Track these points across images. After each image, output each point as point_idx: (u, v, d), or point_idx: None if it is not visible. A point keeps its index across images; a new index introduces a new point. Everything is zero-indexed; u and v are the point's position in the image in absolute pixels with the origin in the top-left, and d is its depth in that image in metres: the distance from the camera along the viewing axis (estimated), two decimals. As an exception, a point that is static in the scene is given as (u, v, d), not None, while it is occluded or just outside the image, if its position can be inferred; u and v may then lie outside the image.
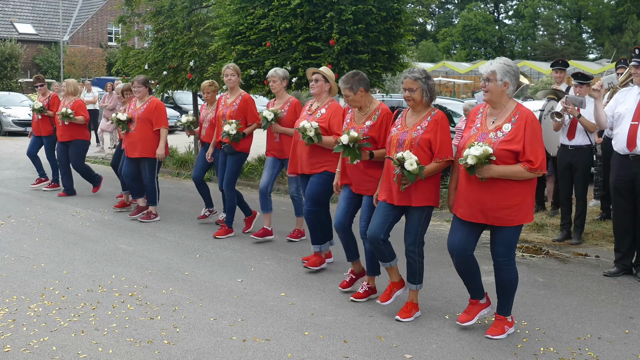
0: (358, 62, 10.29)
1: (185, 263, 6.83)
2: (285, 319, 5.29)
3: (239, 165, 8.00)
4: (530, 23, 66.84)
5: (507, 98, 4.78)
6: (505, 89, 4.74)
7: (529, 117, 4.68)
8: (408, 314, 5.31)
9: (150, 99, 8.83)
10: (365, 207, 5.68)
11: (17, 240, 7.68)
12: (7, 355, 4.50)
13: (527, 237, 8.02)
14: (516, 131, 4.64)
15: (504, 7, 74.13)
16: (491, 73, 4.73)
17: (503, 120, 4.74)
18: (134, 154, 8.75)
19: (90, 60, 37.56)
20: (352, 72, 5.68)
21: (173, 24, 12.99)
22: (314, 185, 6.40)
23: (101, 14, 40.17)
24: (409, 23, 11.16)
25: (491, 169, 4.61)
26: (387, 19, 10.45)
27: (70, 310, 5.39)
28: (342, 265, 6.70)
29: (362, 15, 10.11)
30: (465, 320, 5.09)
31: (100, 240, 7.64)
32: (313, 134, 6.23)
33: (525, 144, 4.60)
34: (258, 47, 10.73)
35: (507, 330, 5.02)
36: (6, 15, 37.72)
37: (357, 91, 5.59)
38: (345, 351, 4.69)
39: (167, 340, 4.80)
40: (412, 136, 5.08)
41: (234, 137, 7.65)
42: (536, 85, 27.29)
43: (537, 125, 4.68)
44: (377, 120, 5.60)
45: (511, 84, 4.75)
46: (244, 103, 7.85)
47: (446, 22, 73.44)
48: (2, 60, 32.17)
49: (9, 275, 6.33)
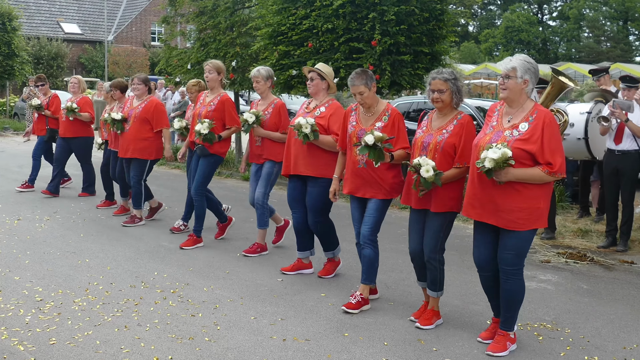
0: (400, 63, 10.25)
1: (226, 261, 6.88)
2: (325, 319, 5.29)
3: (212, 169, 7.48)
4: (575, 25, 65.72)
5: (526, 97, 4.56)
6: (524, 87, 4.51)
7: (547, 117, 4.45)
8: (428, 322, 5.17)
9: (148, 98, 8.43)
10: (372, 211, 5.46)
11: (62, 235, 7.83)
12: (53, 348, 4.59)
13: (571, 243, 7.90)
14: (533, 131, 4.40)
15: (548, 8, 73.07)
16: (511, 70, 4.50)
17: (520, 119, 4.52)
18: (126, 154, 8.33)
19: (133, 59, 38.09)
20: (360, 69, 5.48)
21: (216, 24, 13.10)
22: (315, 196, 6.13)
23: (145, 14, 40.70)
24: (452, 24, 11.08)
25: (509, 172, 4.39)
26: (430, 20, 10.38)
27: (113, 306, 5.48)
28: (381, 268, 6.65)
29: (405, 16, 10.06)
30: (487, 337, 4.86)
31: (143, 237, 7.74)
32: (309, 131, 5.93)
33: (544, 145, 4.38)
34: (300, 47, 10.76)
35: (509, 347, 4.73)
36: (53, 15, 38.47)
37: (371, 87, 5.39)
38: (385, 353, 4.67)
39: (208, 338, 4.84)
40: (436, 140, 4.92)
41: (205, 137, 7.13)
42: (581, 88, 26.83)
43: (555, 127, 4.46)
44: (388, 120, 5.39)
45: (531, 82, 4.52)
46: (221, 104, 7.32)
47: (488, 23, 72.66)
48: (49, 60, 32.83)
49: (55, 269, 6.45)
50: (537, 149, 4.39)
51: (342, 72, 10.34)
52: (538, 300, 5.94)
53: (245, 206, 9.63)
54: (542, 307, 5.76)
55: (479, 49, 66.03)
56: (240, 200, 10.27)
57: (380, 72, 10.11)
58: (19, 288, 5.85)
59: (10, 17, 21.38)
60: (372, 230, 5.47)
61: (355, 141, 5.46)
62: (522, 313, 5.53)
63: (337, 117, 6.00)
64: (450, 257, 6.07)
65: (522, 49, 64.97)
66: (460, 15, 12.58)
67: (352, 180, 5.55)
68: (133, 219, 8.46)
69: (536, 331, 5.18)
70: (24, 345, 4.62)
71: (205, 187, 7.47)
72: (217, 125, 7.23)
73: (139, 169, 8.37)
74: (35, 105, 10.63)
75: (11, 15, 21.40)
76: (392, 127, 5.37)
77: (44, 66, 32.13)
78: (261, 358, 4.53)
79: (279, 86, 11.37)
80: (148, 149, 8.32)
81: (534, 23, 67.06)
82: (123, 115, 8.36)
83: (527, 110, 4.53)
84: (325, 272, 6.42)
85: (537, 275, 6.71)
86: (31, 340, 4.71)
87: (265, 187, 7.00)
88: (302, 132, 5.94)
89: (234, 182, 12.52)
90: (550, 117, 4.47)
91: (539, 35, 67.06)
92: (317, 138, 5.97)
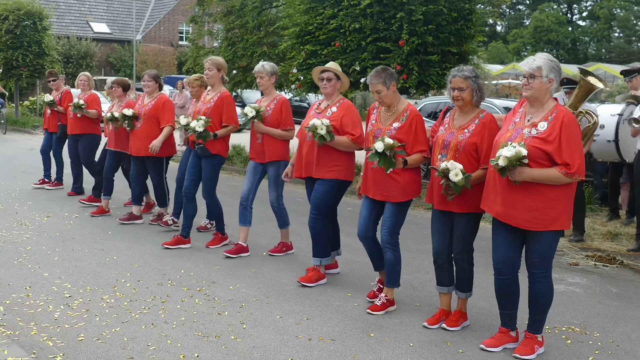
0: (427, 63, 10.20)
1: (252, 260, 6.90)
2: (351, 319, 5.28)
3: (216, 171, 7.33)
4: (605, 24, 64.82)
5: (549, 96, 4.47)
6: (549, 86, 4.43)
7: (567, 117, 4.35)
8: (455, 323, 5.10)
9: (159, 95, 8.27)
10: (388, 215, 5.38)
11: (90, 232, 7.92)
12: (81, 344, 4.64)
13: (600, 246, 7.79)
14: (551, 130, 4.31)
15: (577, 7, 72.19)
16: (536, 69, 4.41)
17: (540, 118, 4.43)
18: (140, 153, 8.20)
19: (161, 58, 38.38)
20: (380, 67, 5.37)
21: (243, 23, 13.17)
22: (320, 194, 5.99)
23: (173, 14, 40.98)
24: (480, 24, 11.01)
25: (524, 172, 4.32)
26: (458, 19, 10.32)
27: (140, 303, 5.52)
28: (406, 269, 6.64)
29: (433, 15, 10.01)
30: (491, 345, 4.75)
31: (170, 236, 7.78)
32: (325, 132, 5.75)
33: (562, 145, 4.29)
34: (327, 47, 10.76)
35: (537, 350, 4.66)
36: (82, 14, 38.91)
37: (389, 86, 5.28)
38: (411, 355, 4.65)
39: (234, 336, 4.86)
40: (457, 139, 4.85)
41: (200, 134, 6.96)
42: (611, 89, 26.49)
43: (574, 127, 4.35)
44: (405, 122, 5.26)
45: (555, 80, 4.43)
46: (221, 101, 7.13)
47: (517, 23, 72.00)
48: (78, 59, 33.21)
49: (84, 266, 6.53)
50: (554, 149, 4.30)
51: (369, 72, 10.29)
52: (566, 303, 5.88)
53: (272, 205, 9.66)
54: (570, 310, 5.70)
55: (507, 49, 65.46)
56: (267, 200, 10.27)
57: (407, 72, 10.07)
58: (48, 284, 5.93)
59: (41, 16, 21.66)
60: (391, 233, 5.39)
61: (371, 140, 5.38)
62: (550, 316, 5.47)
63: (351, 117, 5.91)
64: (476, 259, 5.99)
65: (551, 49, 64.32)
66: (489, 15, 12.48)
67: (366, 180, 5.48)
68: (160, 217, 8.45)
69: (564, 334, 5.13)
70: (52, 340, 4.68)
71: (213, 189, 7.36)
72: (214, 122, 7.08)
73: (157, 168, 8.27)
74: (48, 101, 10.57)
75: (42, 14, 21.69)
76: (409, 128, 5.25)
77: (73, 65, 32.51)
78: (287, 357, 4.54)
79: (305, 85, 11.39)
80: (161, 147, 8.16)
81: (564, 23, 66.27)
82: (134, 112, 8.21)
83: (547, 109, 4.46)
84: (307, 279, 6.12)
85: (565, 278, 6.63)
86: (60, 336, 4.77)
87: (277, 189, 6.96)
88: (317, 133, 5.78)
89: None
90: (569, 117, 4.38)
91: (568, 35, 66.26)
92: (333, 139, 5.82)
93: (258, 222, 8.67)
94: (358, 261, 6.96)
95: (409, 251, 7.10)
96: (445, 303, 5.23)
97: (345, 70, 10.64)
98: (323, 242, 6.12)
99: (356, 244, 7.64)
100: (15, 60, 21.26)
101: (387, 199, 5.34)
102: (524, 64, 4.51)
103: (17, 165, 13.39)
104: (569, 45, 66.12)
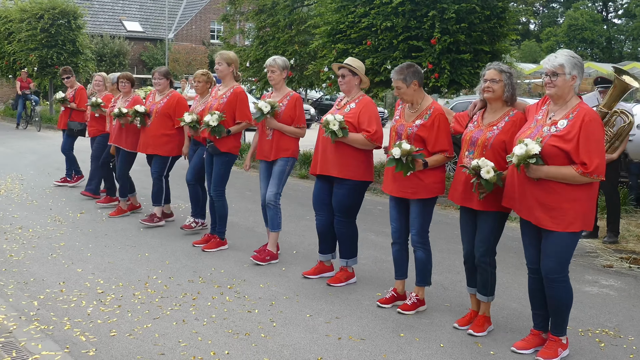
0: (459, 61, 10.13)
1: (282, 258, 6.91)
2: (380, 319, 5.26)
3: (227, 168, 7.11)
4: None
5: (572, 93, 4.38)
6: (572, 83, 4.35)
7: (588, 115, 4.23)
8: (481, 329, 5.00)
9: (170, 92, 8.09)
10: (415, 215, 5.33)
11: (123, 229, 8.00)
12: (113, 340, 4.69)
13: (635, 248, 7.67)
14: (570, 128, 4.23)
15: (613, 5, 71.04)
16: (559, 67, 4.31)
17: (561, 116, 4.36)
18: (147, 150, 8.10)
19: (193, 57, 38.67)
20: (406, 64, 5.29)
21: (275, 22, 13.21)
22: (340, 197, 5.90)
23: (205, 12, 41.26)
24: (513, 22, 10.90)
25: (539, 169, 4.26)
26: (491, 17, 10.23)
27: (172, 299, 5.57)
28: (437, 269, 6.58)
29: (465, 14, 9.93)
30: (523, 347, 4.68)
31: (201, 233, 7.82)
32: (337, 128, 5.62)
33: (580, 144, 4.19)
34: (358, 45, 10.75)
35: (560, 354, 4.56)
36: (116, 13, 39.38)
37: (410, 84, 5.19)
38: (441, 355, 4.62)
39: (264, 334, 4.87)
40: (486, 136, 4.76)
41: (214, 129, 6.75)
42: (646, 88, 25.96)
43: (596, 126, 4.25)
44: (428, 119, 5.16)
45: (578, 77, 4.33)
46: (234, 96, 6.91)
47: (550, 21, 71.12)
48: (111, 57, 33.64)
49: (116, 262, 6.60)
50: (572, 148, 4.22)
51: (400, 70, 10.28)
52: (600, 305, 5.79)
53: (301, 203, 9.69)
54: (604, 313, 5.61)
55: (540, 47, 64.69)
56: (297, 198, 10.32)
57: (439, 70, 10.01)
58: (81, 280, 6.01)
59: (75, 15, 21.98)
60: (420, 232, 5.35)
61: (394, 136, 5.33)
62: (583, 318, 5.41)
63: (368, 113, 5.77)
64: (508, 260, 5.97)
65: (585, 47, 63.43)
66: (522, 13, 12.37)
67: (390, 179, 5.41)
68: (152, 218, 8.18)
69: (597, 337, 5.05)
70: (85, 336, 4.74)
71: (223, 187, 7.14)
72: (227, 118, 6.89)
73: (160, 165, 8.11)
74: (60, 98, 10.40)
75: (76, 13, 22.01)
76: (431, 126, 5.16)
77: (107, 63, 32.93)
78: (316, 356, 4.54)
79: (336, 84, 11.36)
80: (169, 146, 8.04)
81: (598, 21, 65.25)
82: (146, 109, 8.05)
83: (570, 107, 4.37)
84: (335, 280, 6.10)
85: (599, 280, 6.53)
86: (92, 331, 4.83)
87: (278, 186, 6.64)
88: (329, 129, 5.68)
89: (290, 180, 12.56)
90: (591, 115, 4.27)
91: (603, 33, 65.25)
92: (346, 135, 5.68)
93: (287, 220, 8.70)
94: (388, 260, 6.91)
95: (439, 251, 7.05)
96: (475, 304, 5.18)
97: (377, 69, 10.62)
98: (348, 243, 6.10)
99: (385, 243, 7.62)
100: (50, 59, 21.59)
101: (415, 195, 5.25)
102: (546, 62, 4.42)
103: (51, 162, 13.59)
104: (603, 43, 65.10)
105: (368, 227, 8.31)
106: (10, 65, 22.55)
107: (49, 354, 4.39)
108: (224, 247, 7.23)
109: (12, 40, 21.79)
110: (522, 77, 33.97)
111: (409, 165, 5.04)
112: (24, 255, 6.72)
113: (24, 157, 14.50)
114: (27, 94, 21.72)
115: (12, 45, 21.80)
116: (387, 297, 5.60)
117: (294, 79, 13.01)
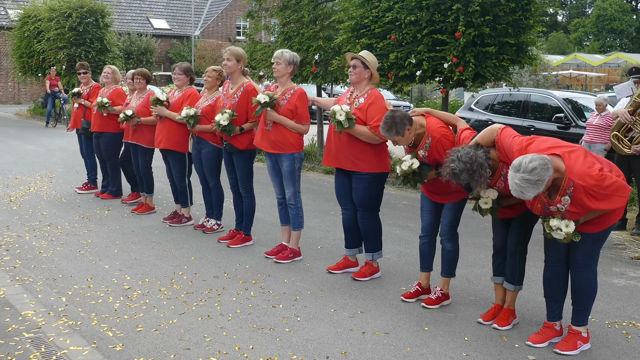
0: (484, 54, 10.04)
1: (306, 254, 6.93)
2: (404, 313, 5.26)
3: (249, 164, 7.08)
4: (672, 12, 62.64)
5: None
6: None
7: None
8: (506, 322, 4.99)
9: (186, 88, 7.92)
10: (446, 212, 5.37)
11: (149, 225, 8.09)
12: (139, 335, 4.75)
13: (664, 241, 7.56)
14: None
15: (642, -5, 69.88)
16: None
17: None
18: (159, 145, 7.98)
19: (219, 54, 38.80)
20: (384, 120, 5.10)
21: (299, 17, 13.20)
22: (360, 191, 5.91)
23: (230, 9, 41.40)
24: (539, 14, 10.76)
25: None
26: (516, 10, 10.12)
27: (197, 295, 5.62)
28: (462, 263, 6.56)
29: (490, 6, 9.84)
30: (538, 341, 4.67)
31: (226, 229, 7.88)
32: (343, 118, 5.62)
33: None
34: (383, 40, 10.72)
35: (580, 347, 4.54)
36: (143, 11, 39.68)
37: (404, 133, 5.06)
38: (465, 349, 4.61)
39: (289, 329, 4.90)
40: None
41: (224, 128, 6.71)
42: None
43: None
44: (430, 149, 5.13)
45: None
46: (246, 94, 6.81)
47: (579, 12, 70.20)
48: (139, 54, 33.91)
49: (142, 259, 6.68)
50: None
51: (425, 64, 10.24)
52: (627, 298, 5.73)
53: (327, 199, 9.71)
54: (631, 305, 5.55)
55: (568, 39, 63.92)
56: (322, 193, 10.34)
57: (464, 64, 9.94)
58: (108, 276, 6.09)
59: (103, 13, 22.18)
60: (450, 225, 5.38)
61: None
62: (610, 310, 5.36)
63: (375, 108, 5.74)
64: (534, 253, 5.92)
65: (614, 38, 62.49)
66: (549, 5, 12.19)
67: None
68: (180, 219, 8.18)
69: (625, 330, 5.00)
70: (112, 331, 4.81)
71: (250, 183, 7.10)
72: (240, 116, 6.83)
73: (179, 164, 8.03)
74: (74, 92, 10.01)
75: (104, 11, 22.21)
76: (436, 153, 5.10)
77: (134, 61, 33.21)
78: (340, 350, 4.55)
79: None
80: (182, 142, 7.89)
81: (628, 11, 64.19)
82: (167, 97, 7.92)
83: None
84: (360, 274, 6.11)
85: (627, 272, 6.46)
86: (119, 326, 4.90)
87: (293, 186, 6.55)
88: (335, 119, 5.68)
89: (315, 175, 12.61)
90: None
91: (632, 23, 64.17)
92: (352, 126, 5.66)
93: (312, 215, 8.72)
94: (413, 254, 6.92)
95: (465, 245, 7.01)
96: (500, 297, 5.15)
97: (401, 63, 10.58)
98: (373, 237, 6.10)
99: (410, 237, 7.62)
100: (78, 57, 21.81)
101: (449, 199, 5.34)
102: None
103: (79, 159, 13.68)
104: (633, 33, 64.02)
105: (393, 222, 8.31)
106: (40, 64, 22.83)
107: (77, 349, 4.46)
108: (249, 243, 7.27)
109: (41, 39, 22.03)
110: (549, 69, 33.65)
111: (415, 179, 5.20)
112: (52, 252, 6.83)
113: (53, 155, 14.70)
114: (56, 92, 21.99)
115: (41, 44, 22.04)
116: (411, 292, 5.59)
117: (319, 75, 12.99)
